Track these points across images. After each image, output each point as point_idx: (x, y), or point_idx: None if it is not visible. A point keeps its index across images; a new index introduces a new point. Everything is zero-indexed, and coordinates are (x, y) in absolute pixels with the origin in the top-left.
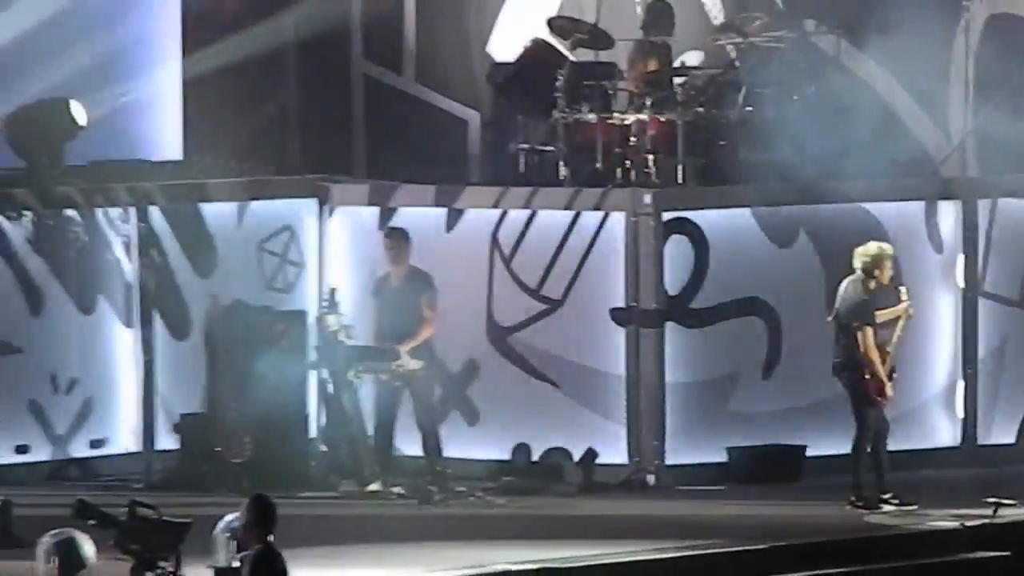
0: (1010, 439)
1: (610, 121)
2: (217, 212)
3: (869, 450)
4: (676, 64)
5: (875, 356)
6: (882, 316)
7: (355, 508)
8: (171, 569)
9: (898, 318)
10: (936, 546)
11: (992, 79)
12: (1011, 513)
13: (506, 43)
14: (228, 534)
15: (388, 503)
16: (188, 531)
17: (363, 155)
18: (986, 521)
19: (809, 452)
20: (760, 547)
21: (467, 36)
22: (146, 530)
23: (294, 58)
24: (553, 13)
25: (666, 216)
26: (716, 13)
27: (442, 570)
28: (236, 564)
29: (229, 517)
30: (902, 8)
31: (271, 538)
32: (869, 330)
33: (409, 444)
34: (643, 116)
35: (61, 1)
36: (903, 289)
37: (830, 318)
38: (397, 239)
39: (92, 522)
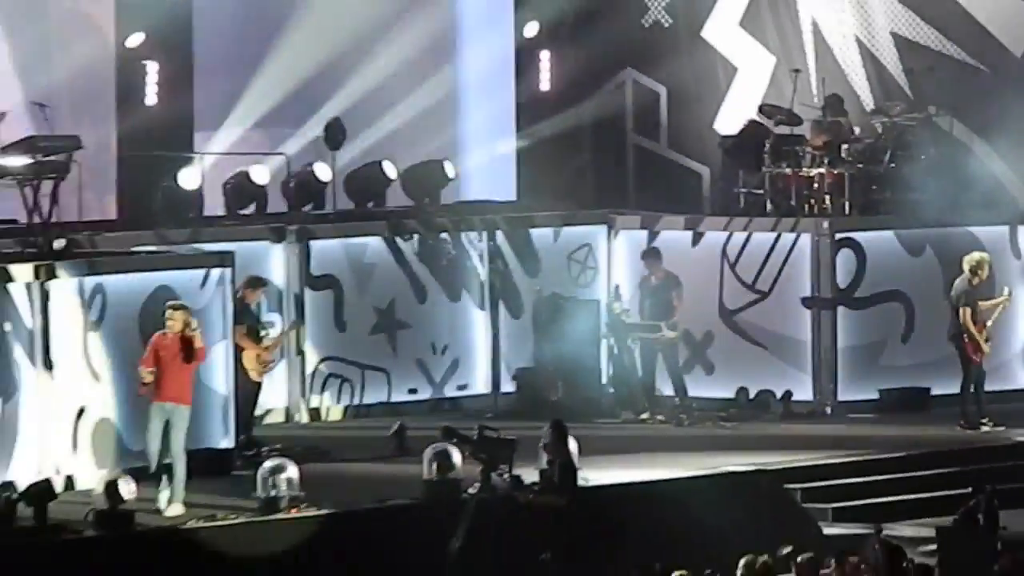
0: None
1: (800, 173)
2: (540, 234)
3: (972, 390)
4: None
5: (972, 328)
6: (986, 305)
7: (631, 430)
8: (508, 471)
9: (997, 305)
10: (1018, 454)
11: None
12: None
13: (729, 122)
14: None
15: (653, 426)
16: (517, 446)
17: (634, 196)
18: None
19: (933, 392)
20: (900, 454)
21: (702, 117)
22: (490, 445)
23: (589, 133)
24: (760, 101)
25: (838, 236)
26: (868, 101)
27: (689, 471)
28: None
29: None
30: (993, 98)
31: (571, 448)
32: (968, 310)
33: (667, 387)
34: (822, 170)
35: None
36: (1007, 288)
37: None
38: (651, 256)
39: (454, 440)
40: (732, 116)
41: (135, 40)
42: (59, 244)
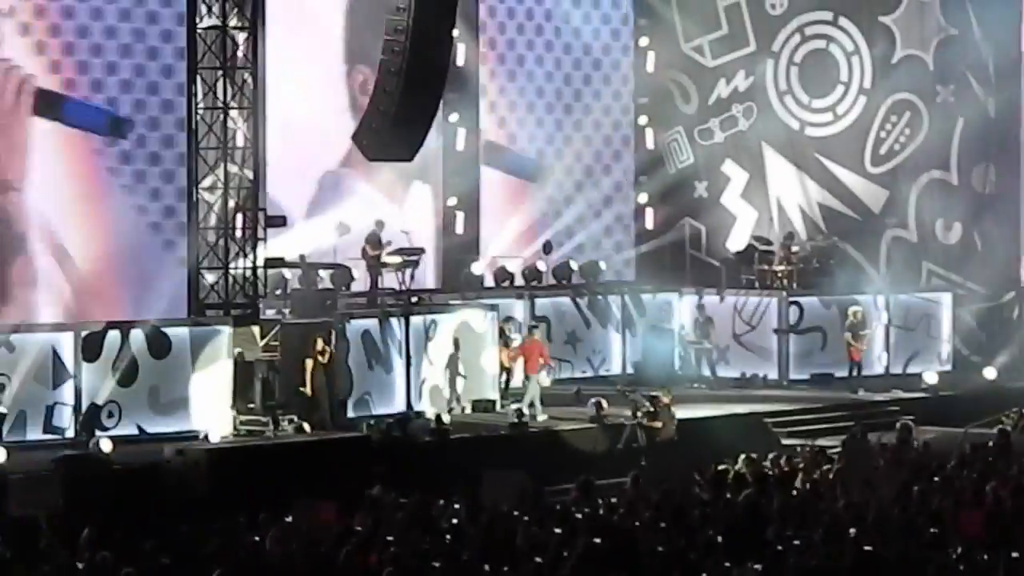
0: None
1: (772, 269)
2: (646, 297)
3: (853, 374)
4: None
5: (852, 343)
6: (857, 331)
7: (689, 392)
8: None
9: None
10: (875, 406)
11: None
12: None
13: (734, 242)
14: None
15: (699, 390)
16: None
17: (690, 278)
18: (891, 397)
19: (836, 375)
20: (819, 405)
21: (721, 240)
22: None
23: (668, 249)
24: (751, 234)
25: (790, 299)
26: (803, 234)
27: (716, 412)
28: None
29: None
30: (866, 234)
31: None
32: (849, 334)
33: (706, 371)
34: (783, 267)
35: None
36: (869, 323)
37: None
38: (701, 309)
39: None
40: (734, 240)
41: (452, 201)
42: (414, 300)
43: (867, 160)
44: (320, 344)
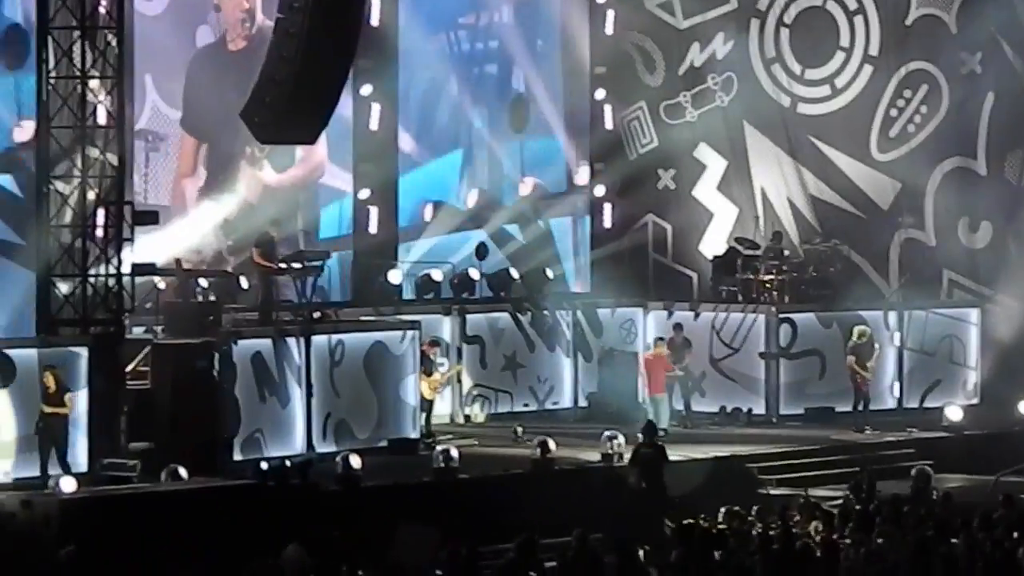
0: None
1: (758, 278)
2: (603, 312)
3: (859, 408)
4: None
5: (856, 368)
6: (864, 355)
7: None
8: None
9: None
10: (886, 447)
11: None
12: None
13: (708, 246)
14: None
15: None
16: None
17: (654, 290)
18: (905, 438)
19: (837, 409)
20: (817, 447)
21: (692, 243)
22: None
23: (628, 253)
24: (727, 236)
25: (780, 316)
26: (795, 236)
27: (694, 455)
28: None
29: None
30: (871, 234)
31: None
32: (852, 358)
33: (679, 403)
34: (772, 276)
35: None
36: (877, 345)
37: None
38: (676, 327)
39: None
40: (710, 243)
41: (364, 194)
42: (316, 315)
43: (873, 145)
44: (50, 380)
